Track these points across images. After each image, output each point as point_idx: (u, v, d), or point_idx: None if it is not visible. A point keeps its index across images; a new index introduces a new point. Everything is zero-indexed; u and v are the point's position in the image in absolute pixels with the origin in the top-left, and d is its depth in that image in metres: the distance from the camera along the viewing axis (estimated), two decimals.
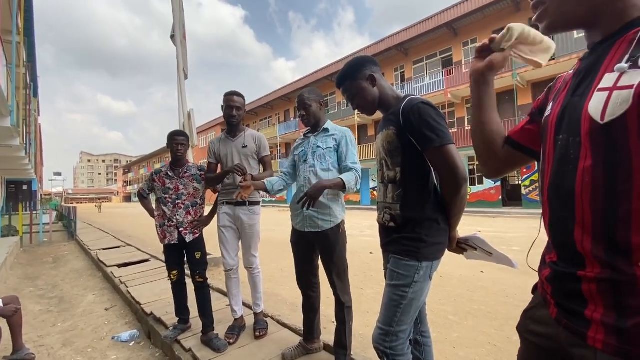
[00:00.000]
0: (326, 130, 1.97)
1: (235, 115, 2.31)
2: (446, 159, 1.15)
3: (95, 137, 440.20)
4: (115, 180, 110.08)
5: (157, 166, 51.16)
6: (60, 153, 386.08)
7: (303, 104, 1.96)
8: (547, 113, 0.72)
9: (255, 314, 2.48)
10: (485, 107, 0.86)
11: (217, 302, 3.00)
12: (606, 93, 0.54)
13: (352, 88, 1.36)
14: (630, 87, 0.50)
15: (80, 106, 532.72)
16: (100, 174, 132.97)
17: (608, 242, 0.55)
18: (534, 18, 0.69)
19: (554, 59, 12.63)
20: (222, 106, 2.36)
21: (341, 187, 1.73)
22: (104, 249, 6.68)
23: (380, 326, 1.21)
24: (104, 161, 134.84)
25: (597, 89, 0.56)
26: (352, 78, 1.35)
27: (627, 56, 0.53)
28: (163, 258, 5.48)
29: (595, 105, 0.55)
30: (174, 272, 2.46)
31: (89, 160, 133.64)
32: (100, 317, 3.27)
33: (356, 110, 1.49)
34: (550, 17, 0.66)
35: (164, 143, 3.41)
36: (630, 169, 0.52)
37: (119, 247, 7.06)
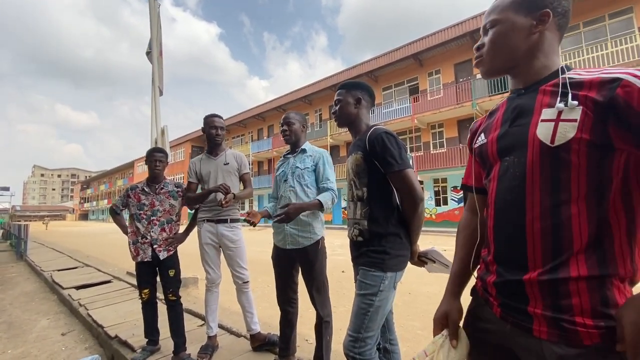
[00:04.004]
0: (304, 150, 2.09)
1: (220, 134, 2.42)
2: (405, 181, 1.33)
3: (51, 150, 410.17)
4: (71, 196, 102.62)
5: (120, 182, 48.87)
6: (9, 166, 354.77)
7: (288, 120, 2.10)
8: (480, 142, 0.89)
9: (251, 335, 2.43)
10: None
11: (188, 323, 2.91)
12: (552, 123, 0.70)
13: (342, 96, 1.56)
14: (574, 120, 0.67)
15: (35, 116, 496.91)
16: (54, 189, 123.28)
17: (553, 247, 0.68)
18: (474, 64, 0.90)
19: (507, 91, 13.90)
20: (203, 128, 2.44)
21: (318, 207, 1.87)
22: (59, 270, 6.21)
23: (350, 333, 1.30)
24: (59, 176, 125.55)
25: (541, 120, 0.72)
26: (347, 90, 1.56)
27: (558, 98, 0.71)
28: (126, 279, 5.27)
29: (543, 132, 0.70)
30: (145, 290, 2.40)
31: (42, 175, 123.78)
32: (56, 343, 3.04)
33: (330, 123, 1.67)
34: (485, 66, 0.87)
35: (128, 158, 3.37)
36: (569, 181, 0.68)
37: (76, 267, 6.60)
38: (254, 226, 1.87)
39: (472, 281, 0.93)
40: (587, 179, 0.67)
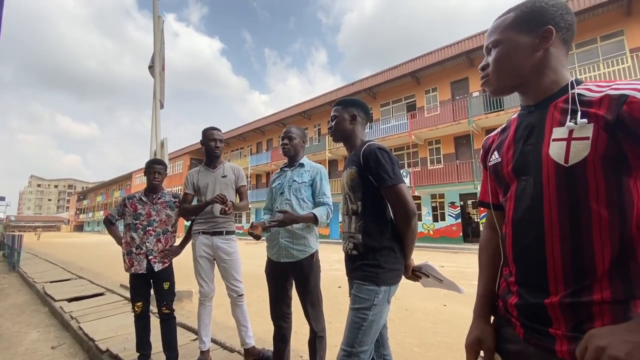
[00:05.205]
0: (302, 165, 2.13)
1: (218, 147, 2.47)
2: (398, 196, 1.36)
3: (50, 160, 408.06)
4: (67, 207, 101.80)
5: (117, 194, 48.56)
6: (5, 176, 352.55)
7: (289, 134, 2.14)
8: (494, 161, 0.86)
9: (246, 350, 2.40)
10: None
11: (181, 337, 2.87)
12: (564, 143, 0.68)
13: (338, 112, 1.61)
14: (587, 138, 0.66)
15: (35, 126, 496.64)
16: (50, 200, 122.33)
17: (574, 270, 0.66)
18: (481, 84, 0.89)
19: (502, 110, 14.16)
20: (202, 140, 2.49)
21: (313, 221, 1.89)
22: (51, 282, 6.12)
23: (344, 348, 1.30)
24: (56, 186, 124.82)
25: (552, 139, 0.71)
26: (343, 107, 1.61)
27: (568, 117, 0.70)
28: (119, 291, 5.19)
29: (556, 151, 0.69)
30: (139, 303, 2.37)
31: (39, 185, 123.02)
32: (46, 357, 2.98)
33: (328, 138, 1.71)
34: (492, 85, 0.85)
35: (126, 170, 3.39)
36: (588, 201, 0.66)
37: (69, 279, 6.50)
38: (259, 239, 1.87)
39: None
40: (607, 199, 0.65)
